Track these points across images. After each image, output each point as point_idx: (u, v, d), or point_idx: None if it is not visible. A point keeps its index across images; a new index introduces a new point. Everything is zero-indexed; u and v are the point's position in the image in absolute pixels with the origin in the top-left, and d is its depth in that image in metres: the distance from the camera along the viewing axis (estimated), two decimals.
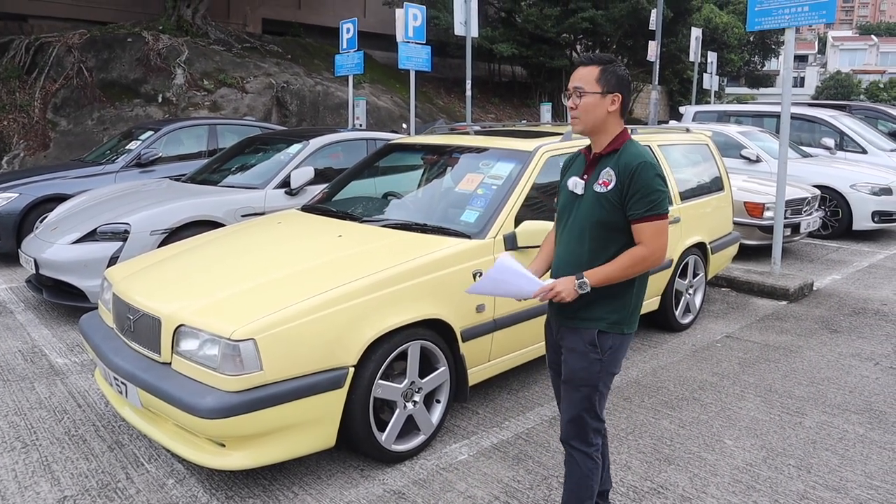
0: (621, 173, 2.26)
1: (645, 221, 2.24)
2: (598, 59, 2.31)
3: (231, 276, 3.30)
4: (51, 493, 2.96)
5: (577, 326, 2.36)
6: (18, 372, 4.30)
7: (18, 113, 13.60)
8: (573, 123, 2.35)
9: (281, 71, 16.69)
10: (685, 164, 5.48)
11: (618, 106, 2.30)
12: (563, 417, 2.43)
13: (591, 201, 2.31)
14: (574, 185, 2.38)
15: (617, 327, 2.35)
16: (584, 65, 2.32)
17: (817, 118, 11.19)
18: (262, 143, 7.14)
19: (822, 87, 49.57)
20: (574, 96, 2.31)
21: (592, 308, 2.33)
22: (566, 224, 2.41)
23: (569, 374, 2.37)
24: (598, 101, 2.28)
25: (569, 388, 2.38)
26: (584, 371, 2.34)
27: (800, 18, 6.30)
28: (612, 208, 2.27)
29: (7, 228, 6.93)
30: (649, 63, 17.01)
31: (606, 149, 2.33)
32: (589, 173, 2.36)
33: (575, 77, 2.31)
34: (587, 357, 2.34)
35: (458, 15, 10.84)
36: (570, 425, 2.40)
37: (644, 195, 2.23)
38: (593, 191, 2.31)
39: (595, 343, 2.33)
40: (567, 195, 2.42)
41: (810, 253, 8.42)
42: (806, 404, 3.98)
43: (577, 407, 2.37)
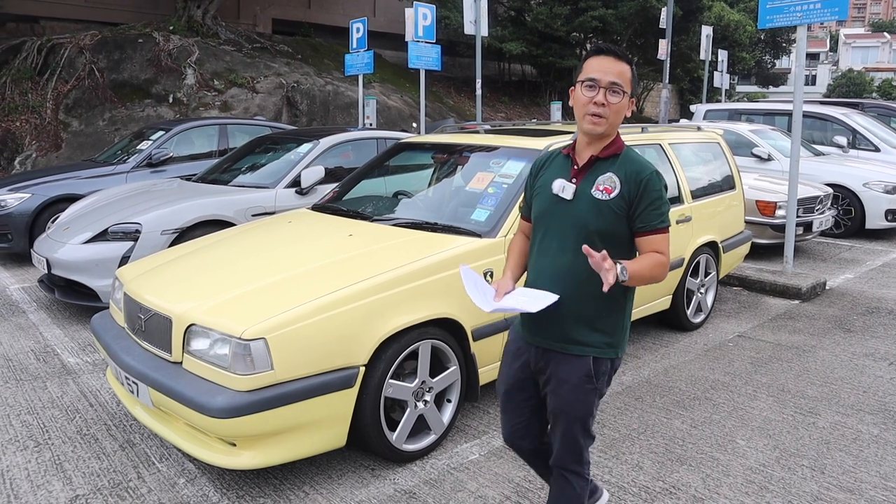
0: (628, 182, 2.09)
1: (657, 233, 2.11)
2: (627, 56, 2.13)
3: (241, 275, 3.31)
4: (63, 492, 2.97)
5: (569, 352, 2.16)
6: (31, 371, 4.33)
7: (31, 114, 13.70)
8: (596, 124, 2.09)
9: (291, 71, 16.72)
10: (696, 163, 5.45)
11: (630, 111, 2.17)
12: (557, 445, 2.26)
13: (586, 208, 2.11)
14: (561, 189, 2.15)
15: (612, 351, 2.19)
16: (618, 57, 2.09)
17: (830, 116, 11.11)
18: (273, 142, 7.16)
19: (834, 85, 49.23)
20: (608, 93, 2.06)
21: (588, 329, 2.15)
22: (548, 231, 2.18)
23: (561, 407, 2.19)
24: (626, 104, 2.11)
25: (562, 419, 2.20)
26: (579, 403, 2.17)
27: (812, 15, 6.25)
28: (613, 217, 2.10)
29: (20, 228, 6.97)
30: (659, 61, 16.94)
31: (605, 152, 2.15)
32: (580, 177, 2.15)
33: (610, 70, 2.06)
34: (582, 389, 2.16)
35: (468, 14, 10.83)
36: (566, 451, 2.25)
37: (656, 207, 2.10)
38: (591, 197, 2.11)
39: (591, 374, 2.15)
40: (549, 199, 2.19)
41: (823, 252, 8.35)
42: (819, 404, 3.95)
43: (572, 434, 2.22)
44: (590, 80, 2.07)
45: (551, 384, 2.20)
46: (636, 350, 4.83)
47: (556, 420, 2.22)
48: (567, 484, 2.28)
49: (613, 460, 3.27)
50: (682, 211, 4.94)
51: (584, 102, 2.08)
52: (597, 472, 3.16)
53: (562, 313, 2.12)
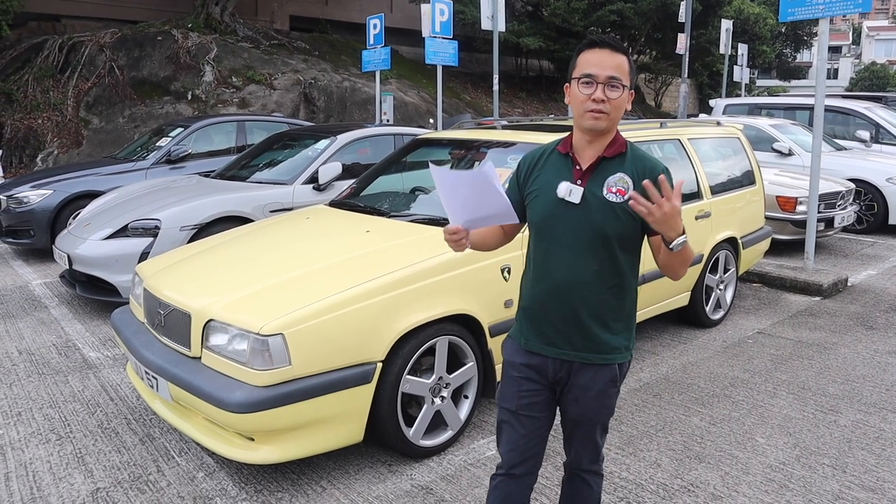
0: (642, 180, 1.92)
1: None
2: (623, 47, 2.00)
3: (260, 271, 3.32)
4: (84, 485, 3.01)
5: (597, 361, 2.05)
6: (53, 366, 4.38)
7: (52, 111, 13.86)
8: (597, 118, 1.95)
9: (308, 67, 16.78)
10: (716, 158, 5.40)
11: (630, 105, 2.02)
12: (575, 449, 2.18)
13: (600, 212, 1.97)
14: (567, 193, 1.99)
15: (629, 353, 2.11)
16: (614, 49, 1.96)
17: (852, 110, 10.96)
18: (290, 139, 7.19)
19: (856, 79, 48.53)
20: (607, 88, 1.93)
21: (609, 335, 2.04)
22: (556, 239, 2.03)
23: (585, 414, 2.10)
24: (627, 98, 1.98)
25: (585, 425, 2.12)
26: (604, 408, 2.10)
27: (834, 8, 6.16)
28: (629, 220, 1.97)
29: (41, 225, 7.06)
30: (678, 56, 16.80)
31: (611, 151, 2.01)
32: (585, 178, 2.00)
33: (608, 64, 1.93)
34: (607, 395, 2.08)
35: (485, 9, 10.79)
36: (586, 454, 2.18)
37: None
38: (604, 200, 1.97)
39: (615, 379, 2.08)
40: (551, 203, 2.02)
41: (845, 248, 8.25)
42: (841, 402, 3.90)
43: (595, 438, 2.16)
44: (586, 76, 1.94)
45: (572, 393, 2.09)
46: (654, 347, 4.80)
47: (577, 426, 2.14)
48: (585, 485, 2.23)
49: (631, 457, 3.26)
50: (702, 206, 4.90)
51: (583, 100, 1.95)
52: (614, 469, 3.15)
53: (583, 323, 2.02)
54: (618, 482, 3.04)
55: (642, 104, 27.59)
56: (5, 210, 7.17)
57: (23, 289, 6.17)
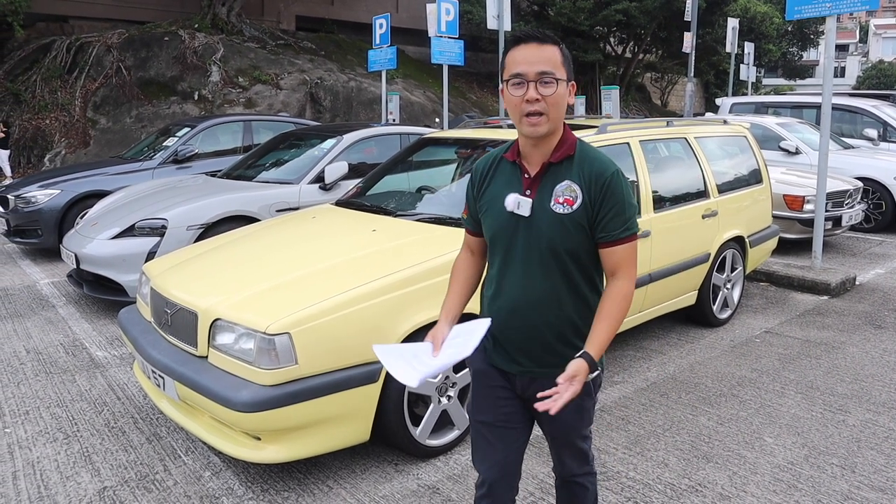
0: (590, 187, 1.80)
1: (621, 243, 1.81)
2: (552, 37, 1.81)
3: (266, 270, 3.32)
4: (91, 484, 3.02)
5: None
6: (60, 365, 4.40)
7: (60, 112, 13.92)
8: (535, 124, 1.77)
9: (314, 67, 16.81)
10: (722, 157, 5.38)
11: (573, 97, 1.84)
12: (564, 460, 2.10)
13: (549, 225, 1.82)
14: (515, 205, 1.84)
15: (600, 364, 1.89)
16: (541, 42, 1.78)
17: (859, 108, 10.91)
18: (297, 138, 7.20)
19: (863, 77, 48.27)
20: (538, 85, 1.75)
21: (574, 350, 1.84)
22: (508, 254, 1.89)
23: (563, 429, 2.01)
24: (565, 91, 1.79)
25: (566, 439, 2.04)
26: (581, 420, 2.00)
27: (841, 6, 6.13)
28: (579, 232, 1.81)
29: (49, 224, 7.09)
30: (684, 55, 16.76)
31: (558, 155, 1.83)
32: (534, 188, 1.84)
33: (535, 59, 1.75)
34: (582, 407, 1.96)
35: (491, 9, 10.78)
36: (574, 461, 2.10)
37: (619, 212, 1.80)
38: (552, 212, 1.81)
39: (590, 392, 1.95)
40: (502, 216, 1.87)
41: (853, 247, 8.21)
42: (849, 402, 3.88)
43: (578, 445, 2.07)
44: (515, 76, 1.76)
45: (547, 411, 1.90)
46: (661, 346, 4.78)
47: (556, 440, 2.07)
48: (581, 489, 2.16)
49: (638, 457, 3.25)
50: (709, 205, 4.88)
51: (516, 103, 1.77)
52: (621, 468, 3.14)
53: (546, 340, 1.90)
54: (625, 482, 3.03)
55: (648, 103, 27.54)
56: (13, 210, 7.20)
57: (30, 288, 6.20)
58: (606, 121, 4.89)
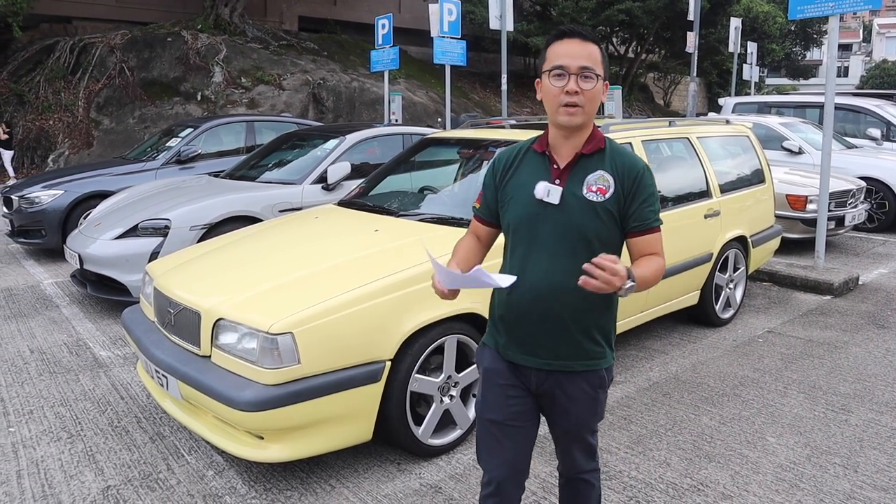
0: (623, 179, 1.90)
1: (652, 232, 1.93)
2: (594, 36, 1.90)
3: (269, 270, 3.33)
4: (95, 483, 3.03)
5: (582, 369, 1.97)
6: (64, 364, 4.41)
7: (63, 112, 13.96)
8: (572, 114, 1.86)
9: (317, 68, 16.82)
10: (725, 157, 5.37)
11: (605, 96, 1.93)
12: (573, 455, 2.13)
13: (580, 212, 1.89)
14: (546, 193, 1.90)
15: (612, 354, 2.02)
16: (584, 39, 1.87)
17: (863, 108, 10.89)
18: (299, 139, 7.21)
19: (867, 77, 48.15)
20: (579, 79, 1.83)
21: (591, 342, 1.95)
22: (533, 242, 1.93)
23: (576, 423, 2.04)
24: (601, 88, 1.89)
25: (576, 434, 2.07)
26: (593, 415, 2.04)
27: (844, 5, 6.13)
28: (609, 220, 1.90)
29: (53, 225, 7.11)
30: (687, 55, 16.74)
31: (589, 147, 1.92)
32: (564, 177, 1.92)
33: (579, 54, 1.84)
34: (596, 400, 2.02)
35: (493, 9, 10.79)
36: (583, 458, 2.13)
37: (650, 203, 1.92)
38: (584, 199, 1.89)
39: (603, 384, 2.01)
40: (529, 204, 1.93)
41: (856, 246, 8.20)
42: (852, 401, 3.88)
43: (588, 441, 2.11)
44: (557, 67, 1.85)
45: (561, 405, 2.01)
46: (664, 346, 4.78)
47: (568, 435, 2.09)
48: (587, 485, 2.19)
49: (640, 456, 3.25)
50: (711, 205, 4.88)
51: (555, 93, 1.86)
52: (623, 468, 3.14)
53: (565, 329, 1.93)
54: (627, 481, 3.03)
55: (651, 103, 27.52)
56: (17, 210, 7.23)
57: (34, 288, 6.21)
58: (609, 121, 4.89)
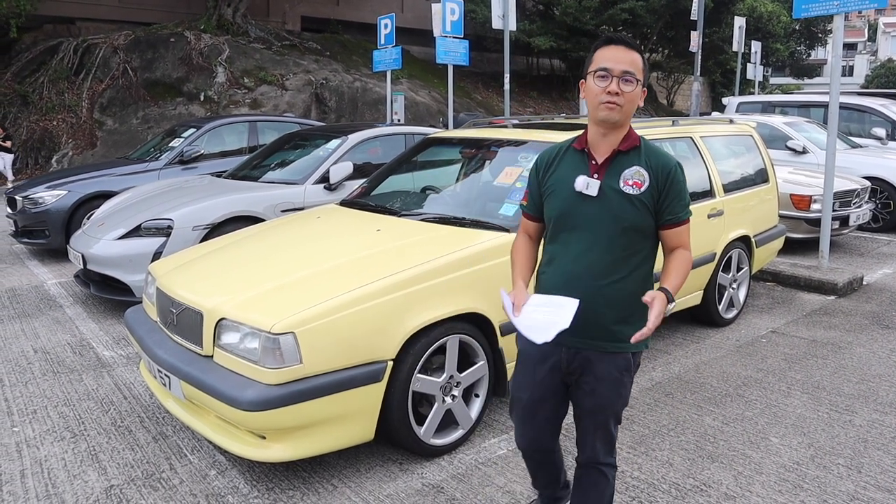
0: (657, 175, 2.08)
1: (685, 224, 2.14)
2: (637, 45, 2.10)
3: (271, 270, 3.33)
4: (98, 482, 3.03)
5: (611, 350, 2.13)
6: (68, 364, 4.42)
7: (67, 113, 13.99)
8: (611, 109, 2.04)
9: (320, 68, 16.83)
10: (728, 156, 5.36)
11: (643, 101, 2.14)
12: (592, 442, 2.24)
13: (617, 203, 2.07)
14: (585, 186, 2.09)
15: (643, 344, 2.14)
16: (629, 47, 2.06)
17: (867, 107, 10.86)
18: (302, 139, 7.21)
19: (872, 76, 48.03)
20: (621, 82, 2.02)
21: (623, 325, 2.11)
22: (573, 231, 2.13)
23: (600, 404, 2.18)
24: (640, 93, 2.07)
25: (600, 416, 2.20)
26: (619, 398, 2.19)
27: (849, 4, 6.10)
28: (644, 211, 2.08)
29: (56, 225, 7.12)
30: (691, 54, 16.71)
31: (625, 145, 2.11)
32: (602, 172, 2.10)
33: (622, 59, 2.03)
34: (621, 383, 2.17)
35: (496, 9, 10.78)
36: (602, 446, 2.24)
37: (681, 198, 2.12)
38: (621, 192, 2.07)
39: (629, 367, 2.17)
40: (569, 197, 2.12)
41: (860, 246, 8.17)
42: (856, 402, 3.86)
43: (610, 428, 2.23)
44: (602, 69, 2.03)
45: (588, 384, 2.16)
46: (667, 346, 4.77)
47: (593, 418, 2.20)
48: (602, 477, 2.28)
49: (643, 457, 3.24)
50: (714, 205, 4.87)
51: (598, 92, 2.04)
52: (626, 468, 3.13)
53: (598, 312, 2.08)
54: (630, 481, 3.03)
55: (654, 102, 27.47)
56: (21, 210, 7.24)
57: (38, 288, 6.23)
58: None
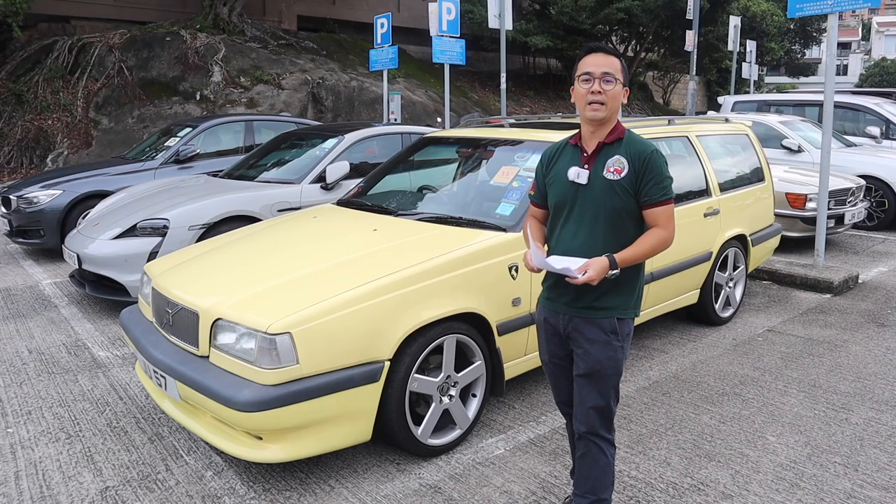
0: (634, 161, 2.34)
1: (661, 205, 2.36)
2: (615, 51, 2.41)
3: (267, 270, 3.32)
4: (93, 484, 3.02)
5: (594, 317, 2.40)
6: (63, 365, 4.40)
7: (62, 112, 13.93)
8: (596, 110, 2.34)
9: (316, 67, 16.79)
10: (724, 155, 5.36)
11: (626, 99, 2.42)
12: (587, 409, 2.45)
13: (601, 189, 2.36)
14: (576, 175, 2.40)
15: (632, 311, 2.45)
16: (607, 53, 2.37)
17: (862, 106, 10.88)
18: (298, 138, 7.19)
19: (866, 75, 48.10)
20: (601, 82, 2.33)
21: (608, 296, 2.39)
22: (569, 215, 2.43)
23: (594, 366, 2.40)
24: (621, 91, 2.36)
25: (594, 380, 2.42)
26: (610, 360, 2.40)
27: (843, 3, 6.11)
28: (625, 195, 2.35)
29: (51, 225, 7.09)
30: (686, 53, 16.73)
31: (610, 137, 2.40)
32: (591, 162, 2.40)
33: (602, 63, 2.34)
34: (611, 345, 2.40)
35: (492, 8, 10.78)
36: (597, 415, 2.45)
37: (658, 181, 2.34)
38: (604, 178, 2.36)
39: (616, 330, 2.40)
40: (565, 186, 2.44)
41: (855, 245, 8.19)
42: (852, 400, 3.87)
43: (605, 396, 2.44)
44: (585, 73, 2.35)
45: (581, 347, 2.42)
46: (663, 345, 4.78)
47: (588, 380, 2.42)
48: (601, 452, 2.47)
49: (640, 456, 3.24)
50: (710, 204, 4.87)
51: (583, 94, 2.35)
52: (623, 467, 3.13)
53: (586, 286, 2.34)
54: (627, 481, 3.03)
55: (651, 102, 27.49)
56: (16, 210, 7.21)
57: (33, 288, 6.20)
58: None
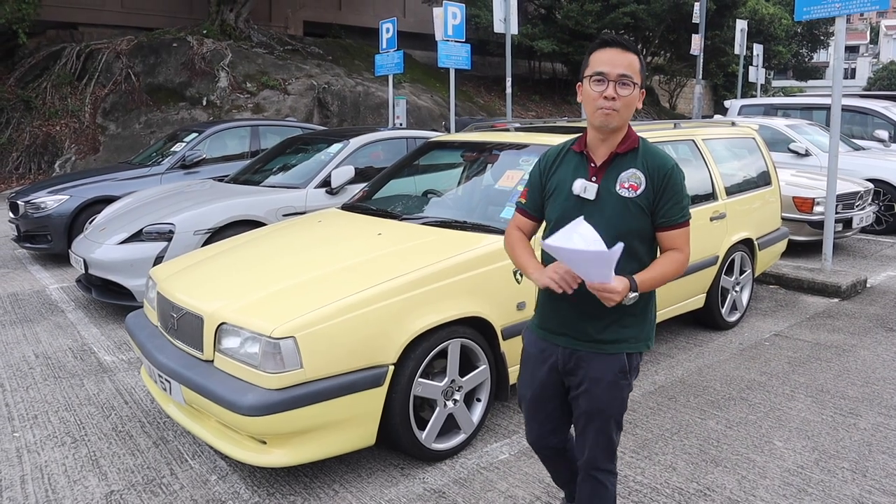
0: (654, 176, 2.02)
1: (681, 227, 2.06)
2: (634, 46, 2.03)
3: (272, 274, 3.33)
4: (98, 488, 3.02)
5: (604, 351, 2.10)
6: (69, 369, 4.41)
7: (70, 118, 14.02)
8: (608, 116, 1.98)
9: (322, 72, 16.85)
10: (731, 159, 5.34)
11: (641, 103, 2.08)
12: (590, 446, 2.19)
13: (613, 207, 2.03)
14: (582, 189, 2.05)
15: (643, 344, 2.15)
16: (625, 48, 1.99)
17: (870, 110, 10.84)
18: (303, 143, 7.21)
19: (874, 79, 47.97)
20: (617, 86, 1.96)
21: (620, 327, 2.09)
22: None
23: (597, 406, 2.12)
24: (637, 95, 2.02)
25: (597, 419, 2.14)
26: (615, 400, 2.13)
27: (851, 6, 6.09)
28: (640, 214, 2.03)
29: (58, 229, 7.13)
30: (693, 57, 16.71)
31: (623, 147, 2.06)
32: (600, 175, 2.06)
33: (619, 62, 1.97)
34: (618, 385, 2.11)
35: (498, 12, 10.79)
36: (601, 451, 2.19)
37: (678, 200, 2.05)
38: (617, 195, 2.02)
39: (625, 370, 2.11)
40: (568, 200, 2.08)
41: (863, 249, 8.14)
42: (860, 405, 3.84)
43: (607, 433, 2.17)
44: (598, 74, 1.98)
45: (584, 385, 2.12)
46: (670, 349, 4.75)
47: (590, 420, 2.15)
48: (601, 485, 2.23)
49: (646, 461, 3.22)
50: (717, 208, 4.85)
51: (594, 98, 1.99)
52: (629, 472, 3.11)
53: (592, 314, 2.06)
54: (632, 486, 3.01)
55: (657, 106, 27.48)
56: (23, 215, 7.25)
57: (40, 293, 6.23)
58: None
